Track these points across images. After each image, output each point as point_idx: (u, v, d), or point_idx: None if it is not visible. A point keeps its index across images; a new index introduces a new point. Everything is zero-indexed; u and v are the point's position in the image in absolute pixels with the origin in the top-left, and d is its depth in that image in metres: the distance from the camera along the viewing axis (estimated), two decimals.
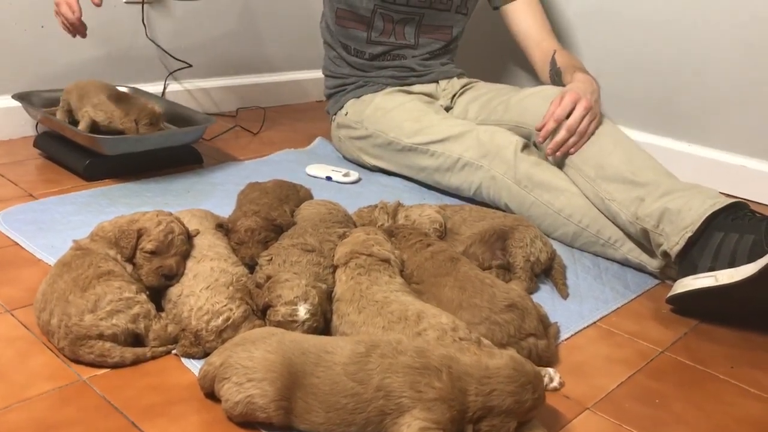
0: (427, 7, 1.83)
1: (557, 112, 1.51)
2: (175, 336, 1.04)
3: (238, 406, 0.88)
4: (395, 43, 1.86)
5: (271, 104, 2.45)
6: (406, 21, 1.84)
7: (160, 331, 1.03)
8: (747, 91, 1.90)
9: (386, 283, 1.10)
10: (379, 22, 1.83)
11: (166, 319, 1.05)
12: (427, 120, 1.71)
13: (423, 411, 0.84)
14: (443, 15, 1.86)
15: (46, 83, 1.91)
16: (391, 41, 1.85)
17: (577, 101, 1.51)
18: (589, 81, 1.60)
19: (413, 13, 1.83)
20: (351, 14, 1.83)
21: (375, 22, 1.83)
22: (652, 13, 2.02)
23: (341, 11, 1.84)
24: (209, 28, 2.27)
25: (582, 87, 1.56)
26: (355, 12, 1.82)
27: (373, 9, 1.81)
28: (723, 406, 1.05)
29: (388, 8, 1.81)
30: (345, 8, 1.83)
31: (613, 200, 1.41)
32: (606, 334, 1.21)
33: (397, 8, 1.81)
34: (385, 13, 1.81)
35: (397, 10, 1.82)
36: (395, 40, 1.85)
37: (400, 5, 1.81)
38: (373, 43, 1.85)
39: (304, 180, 1.67)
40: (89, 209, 1.48)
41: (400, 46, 1.86)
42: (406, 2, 1.80)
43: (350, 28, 1.85)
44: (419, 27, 1.85)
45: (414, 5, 1.81)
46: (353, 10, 1.82)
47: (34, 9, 1.89)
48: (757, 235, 1.19)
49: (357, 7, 1.81)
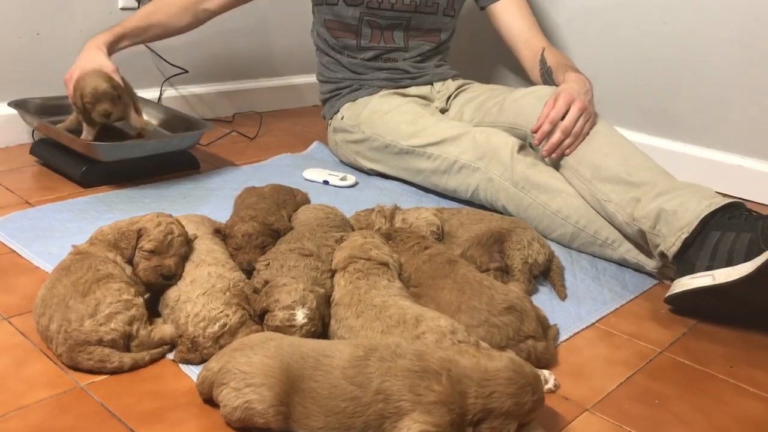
0: (413, 11, 1.83)
1: (552, 114, 1.51)
2: (157, 342, 1.04)
3: (236, 411, 0.87)
4: (385, 47, 1.86)
5: (268, 109, 2.45)
6: (393, 26, 1.84)
7: (144, 338, 1.03)
8: (742, 91, 1.90)
9: (385, 287, 1.09)
10: (366, 29, 1.83)
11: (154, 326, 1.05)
12: (424, 122, 1.71)
13: (423, 414, 0.83)
14: (430, 18, 1.86)
15: (42, 91, 1.91)
16: (381, 45, 1.86)
17: (571, 102, 1.51)
18: (582, 81, 1.60)
19: (400, 18, 1.83)
20: (339, 24, 1.84)
21: (363, 29, 1.83)
22: (647, 13, 2.03)
23: (329, 22, 1.85)
24: (205, 34, 2.27)
25: (575, 87, 1.56)
26: (342, 21, 1.83)
27: (359, 17, 1.81)
28: (722, 405, 1.05)
29: (374, 14, 1.81)
30: (332, 18, 1.84)
31: (609, 201, 1.41)
32: (605, 335, 1.21)
33: (383, 14, 1.82)
34: (371, 20, 1.82)
35: (383, 16, 1.82)
36: (384, 44, 1.86)
37: (386, 10, 1.81)
38: (363, 49, 1.86)
39: (301, 184, 1.67)
40: (86, 216, 1.48)
41: (390, 50, 1.87)
42: (391, 7, 1.81)
43: (340, 37, 1.85)
44: (407, 31, 1.86)
45: (399, 10, 1.82)
46: (340, 20, 1.83)
47: (29, 17, 1.89)
48: (754, 234, 1.19)
49: (344, 16, 1.82)
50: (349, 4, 1.80)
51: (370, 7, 1.80)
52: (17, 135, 1.90)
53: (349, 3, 1.80)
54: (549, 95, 1.57)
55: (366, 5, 1.80)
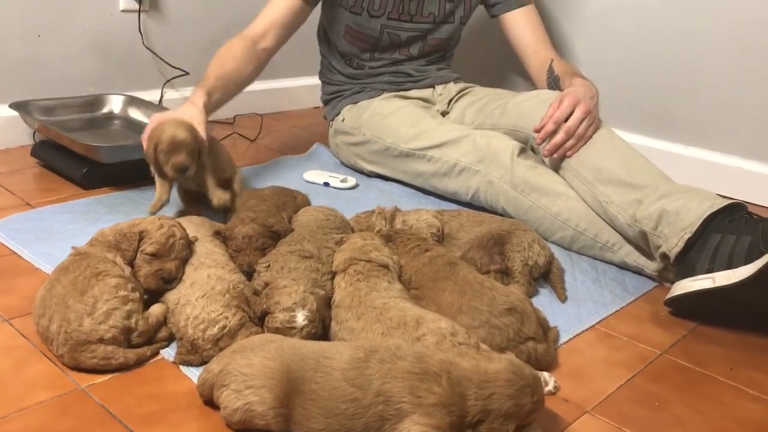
0: (432, 23, 1.82)
1: (556, 115, 1.51)
2: (155, 326, 1.05)
3: (236, 413, 0.88)
4: (398, 58, 1.86)
5: (269, 111, 2.45)
6: (412, 39, 1.83)
7: (143, 327, 1.04)
8: (742, 93, 1.90)
9: (385, 289, 1.10)
10: (385, 40, 1.82)
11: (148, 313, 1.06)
12: (424, 125, 1.71)
13: (423, 416, 0.83)
14: (448, 27, 1.86)
15: (43, 92, 1.91)
16: (395, 57, 1.85)
17: (576, 104, 1.51)
18: (588, 86, 1.60)
19: (419, 30, 1.82)
20: (358, 33, 1.81)
21: (382, 40, 1.82)
22: (648, 17, 2.03)
23: (350, 28, 1.81)
24: (205, 36, 2.28)
25: (581, 91, 1.56)
26: (361, 31, 1.81)
27: (380, 29, 1.80)
28: (722, 407, 1.05)
29: (394, 27, 1.80)
30: (353, 26, 1.81)
31: (611, 203, 1.41)
32: (605, 337, 1.21)
33: (403, 25, 1.81)
34: (392, 32, 1.81)
35: (403, 28, 1.81)
36: (399, 56, 1.85)
37: (405, 22, 1.80)
38: (375, 59, 1.85)
39: (302, 186, 1.67)
40: (87, 217, 1.48)
41: (401, 61, 1.87)
42: (410, 19, 1.80)
43: (356, 45, 1.83)
44: (425, 42, 1.85)
45: (419, 22, 1.81)
46: (360, 29, 1.80)
47: (31, 18, 1.89)
48: (754, 237, 1.19)
49: (365, 26, 1.80)
50: (372, 15, 1.78)
51: (391, 18, 1.79)
52: (18, 136, 1.90)
53: (372, 14, 1.78)
54: (553, 98, 1.57)
55: (387, 16, 1.79)
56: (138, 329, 1.03)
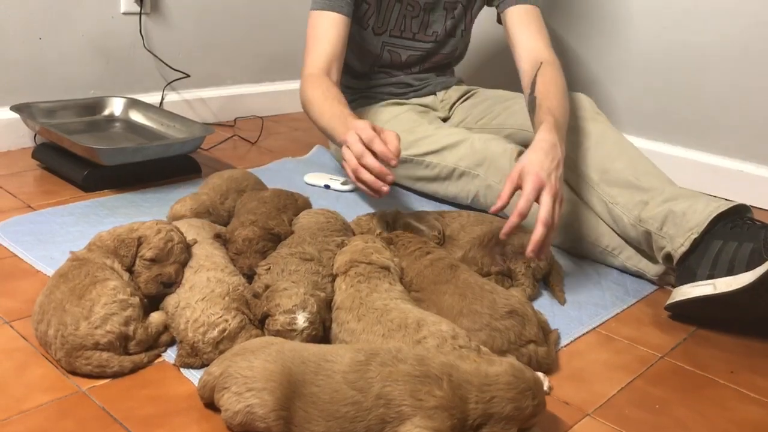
0: (433, 41, 1.82)
1: (522, 206, 1.23)
2: (155, 335, 1.05)
3: (237, 416, 0.87)
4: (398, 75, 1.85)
5: (269, 113, 2.45)
6: (413, 61, 1.82)
7: (142, 336, 1.03)
8: (743, 96, 1.90)
9: (386, 291, 1.10)
10: (386, 58, 1.82)
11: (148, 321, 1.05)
12: (422, 131, 1.71)
13: (424, 419, 0.83)
14: (452, 41, 1.85)
15: (44, 95, 1.91)
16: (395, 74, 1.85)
17: (541, 187, 1.24)
18: (552, 149, 1.30)
19: (420, 49, 1.82)
20: (360, 47, 1.80)
21: (382, 58, 1.82)
22: (647, 17, 2.03)
23: (354, 40, 1.79)
24: (207, 39, 2.28)
25: (545, 164, 1.27)
26: (363, 46, 1.80)
27: (381, 46, 1.80)
28: (723, 411, 1.04)
29: (394, 44, 1.80)
30: (358, 39, 1.79)
31: (616, 204, 1.41)
32: (605, 340, 1.21)
33: (404, 43, 1.80)
34: (392, 50, 1.81)
35: (403, 45, 1.80)
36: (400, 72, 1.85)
37: (407, 39, 1.80)
38: (376, 72, 1.85)
39: (303, 188, 1.67)
40: (88, 220, 1.48)
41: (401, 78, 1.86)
42: (413, 36, 1.79)
43: (357, 58, 1.83)
44: (426, 61, 1.85)
45: (421, 40, 1.80)
46: (363, 44, 1.80)
47: (32, 21, 1.89)
48: (755, 243, 1.19)
49: (367, 41, 1.79)
50: (376, 32, 1.78)
51: (393, 35, 1.79)
52: (19, 139, 1.90)
53: (376, 32, 1.78)
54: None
55: (389, 33, 1.78)
56: (136, 338, 1.02)
